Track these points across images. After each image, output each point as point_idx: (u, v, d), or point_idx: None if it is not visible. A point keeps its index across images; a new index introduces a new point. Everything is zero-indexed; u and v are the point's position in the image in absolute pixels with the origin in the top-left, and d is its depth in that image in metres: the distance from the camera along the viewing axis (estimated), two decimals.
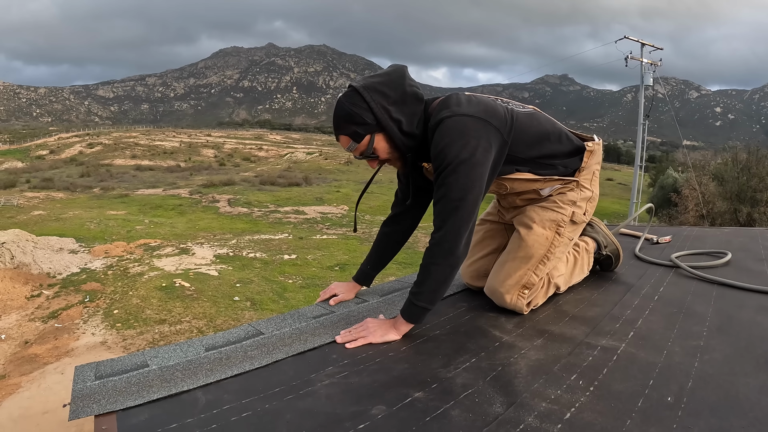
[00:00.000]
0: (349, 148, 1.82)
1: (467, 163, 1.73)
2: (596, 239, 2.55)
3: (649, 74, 26.81)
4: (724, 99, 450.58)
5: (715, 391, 1.36)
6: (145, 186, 45.42)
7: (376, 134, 1.79)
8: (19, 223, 25.88)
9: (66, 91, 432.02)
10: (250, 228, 27.86)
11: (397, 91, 1.79)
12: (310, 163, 63.63)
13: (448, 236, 1.75)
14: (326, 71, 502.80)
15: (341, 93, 1.81)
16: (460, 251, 1.77)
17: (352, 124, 1.76)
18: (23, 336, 13.25)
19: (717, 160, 32.29)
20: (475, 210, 1.78)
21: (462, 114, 1.77)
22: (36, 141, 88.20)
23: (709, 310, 2.05)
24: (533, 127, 1.96)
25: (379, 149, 1.83)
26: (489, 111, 1.82)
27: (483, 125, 1.77)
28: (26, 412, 9.77)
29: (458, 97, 1.85)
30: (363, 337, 1.79)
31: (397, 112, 1.78)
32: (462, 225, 1.75)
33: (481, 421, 1.24)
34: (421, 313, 1.82)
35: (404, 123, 1.80)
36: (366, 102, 1.74)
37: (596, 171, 2.18)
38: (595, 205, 2.20)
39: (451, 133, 1.74)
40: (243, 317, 14.30)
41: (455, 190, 1.73)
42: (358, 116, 1.75)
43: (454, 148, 1.73)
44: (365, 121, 1.75)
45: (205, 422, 1.26)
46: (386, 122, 1.77)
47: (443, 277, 1.79)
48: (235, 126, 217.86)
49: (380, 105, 1.75)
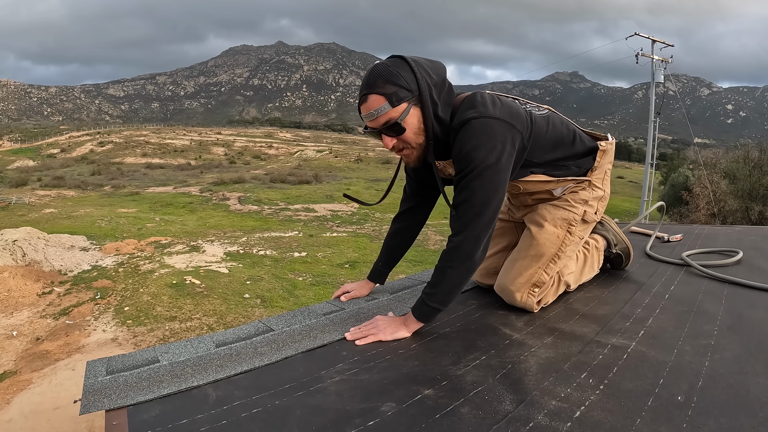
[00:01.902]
0: (379, 110, 1.66)
1: (493, 169, 1.70)
2: (606, 237, 2.54)
3: (660, 71, 26.60)
4: (736, 96, 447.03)
5: (725, 391, 1.36)
6: (155, 184, 45.60)
7: (413, 106, 1.69)
8: (31, 221, 26.06)
9: (77, 90, 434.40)
10: (261, 225, 27.91)
11: (440, 76, 1.74)
12: (321, 160, 63.65)
13: (468, 241, 1.73)
14: (336, 69, 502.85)
15: (386, 57, 1.73)
16: (477, 256, 1.75)
17: (393, 84, 1.64)
18: (34, 332, 13.35)
19: (728, 158, 32.05)
20: (496, 216, 1.76)
21: (489, 116, 1.72)
22: (47, 140, 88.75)
23: (720, 309, 2.04)
24: (549, 131, 1.95)
25: (409, 124, 1.71)
26: (514, 114, 1.79)
27: (509, 129, 1.74)
28: (37, 408, 9.84)
29: (483, 97, 1.80)
30: (373, 334, 1.79)
31: (437, 94, 1.73)
32: (483, 230, 1.73)
33: (491, 419, 1.24)
34: (433, 313, 1.82)
35: (440, 108, 1.74)
36: (413, 70, 1.66)
37: (608, 170, 2.17)
38: (606, 204, 2.20)
39: (479, 136, 1.70)
40: (253, 314, 14.33)
41: (479, 194, 1.71)
42: (402, 79, 1.64)
43: (481, 151, 1.69)
44: (408, 86, 1.65)
45: (215, 418, 1.27)
46: (426, 97, 1.68)
47: (459, 280, 1.78)
48: (245, 124, 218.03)
49: (425, 78, 1.68)
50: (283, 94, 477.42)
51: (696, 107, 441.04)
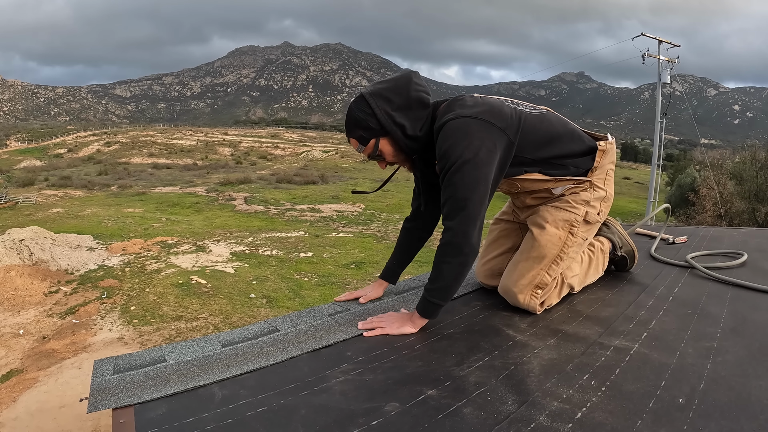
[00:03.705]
0: (358, 149, 1.94)
1: (471, 163, 1.77)
2: (612, 240, 2.54)
3: (667, 72, 26.46)
4: (743, 97, 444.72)
5: (726, 393, 1.36)
6: (162, 184, 45.76)
7: (381, 138, 1.89)
8: (38, 221, 26.20)
9: (83, 91, 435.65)
10: (267, 226, 27.99)
11: (401, 96, 1.86)
12: (327, 161, 63.74)
13: (457, 235, 1.79)
14: (342, 70, 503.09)
15: (352, 99, 1.92)
16: (469, 249, 1.80)
17: (359, 128, 1.87)
18: (41, 331, 13.43)
19: (735, 159, 31.90)
20: (481, 208, 1.81)
21: (465, 116, 1.82)
22: (54, 140, 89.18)
23: (723, 312, 2.04)
24: (543, 128, 1.98)
25: (385, 152, 1.93)
26: (494, 112, 1.86)
27: (486, 126, 1.82)
28: (43, 406, 9.90)
29: (464, 99, 1.92)
30: (381, 327, 1.87)
31: (401, 117, 1.86)
32: (470, 223, 1.79)
33: (493, 419, 1.25)
34: (435, 308, 1.88)
35: (408, 127, 1.87)
36: (371, 108, 1.83)
37: (610, 170, 2.17)
38: (610, 205, 2.19)
39: (455, 135, 1.80)
40: (259, 314, 14.37)
41: (461, 189, 1.78)
42: (363, 121, 1.85)
43: (457, 148, 1.78)
44: (370, 126, 1.85)
45: (221, 417, 1.29)
46: (390, 127, 1.85)
47: (454, 274, 1.83)
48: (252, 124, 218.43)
49: (384, 111, 1.84)
50: (290, 94, 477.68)
51: (703, 108, 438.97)
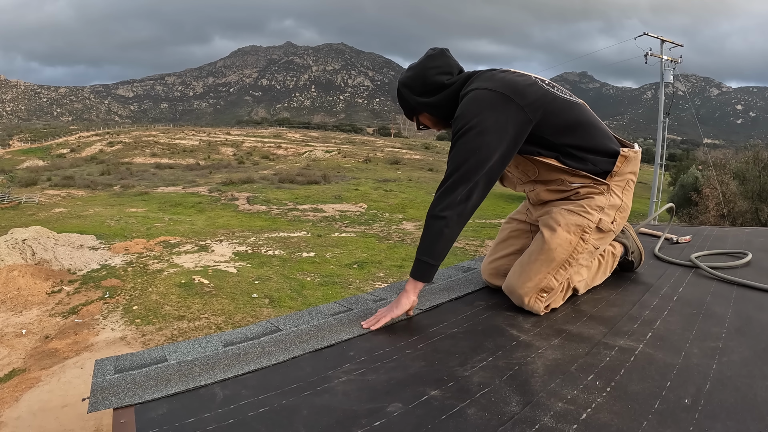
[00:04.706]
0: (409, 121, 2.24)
1: (475, 130, 1.86)
2: (625, 244, 2.51)
3: (670, 71, 26.42)
4: (746, 96, 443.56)
5: (732, 394, 1.35)
6: (164, 184, 45.83)
7: (419, 114, 2.17)
8: (41, 221, 26.25)
9: (86, 91, 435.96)
10: (269, 225, 28.02)
11: (418, 82, 2.08)
12: (329, 161, 63.76)
13: (445, 192, 1.88)
14: (344, 69, 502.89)
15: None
16: (453, 204, 1.87)
17: (403, 108, 2.21)
18: (44, 331, 13.45)
19: (738, 159, 31.85)
20: (477, 173, 1.86)
21: (483, 88, 1.92)
22: (57, 140, 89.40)
23: (728, 312, 2.03)
24: (570, 114, 2.00)
25: (427, 123, 2.20)
26: (517, 88, 1.92)
27: (503, 100, 1.89)
28: (46, 405, 9.92)
29: (491, 72, 2.03)
30: (384, 315, 1.91)
31: (424, 98, 2.09)
32: (460, 184, 1.86)
33: (497, 420, 1.24)
34: (426, 268, 1.92)
35: (432, 105, 2.09)
36: (402, 95, 2.16)
37: (631, 181, 2.13)
38: (625, 217, 2.15)
39: (469, 104, 1.92)
40: (261, 314, 14.38)
41: (461, 152, 1.88)
42: (403, 103, 2.18)
43: (467, 116, 1.89)
44: (408, 107, 2.17)
45: (222, 417, 1.28)
46: (419, 107, 2.13)
47: (439, 230, 1.89)
48: (254, 124, 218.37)
49: (411, 97, 2.12)
50: (292, 94, 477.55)
51: (705, 107, 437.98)
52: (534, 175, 2.09)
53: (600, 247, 2.14)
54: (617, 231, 2.16)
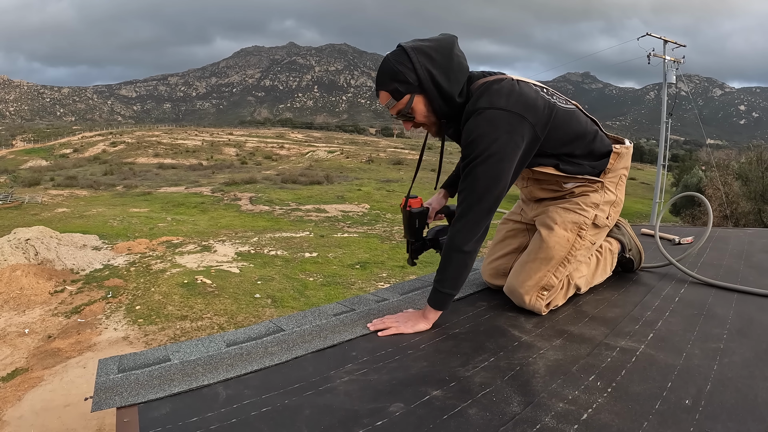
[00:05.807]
0: (387, 104, 1.85)
1: (496, 157, 1.77)
2: (621, 241, 2.52)
3: (672, 72, 26.34)
4: (749, 97, 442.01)
5: (733, 395, 1.35)
6: (167, 184, 45.83)
7: (416, 95, 1.82)
8: (44, 220, 26.27)
9: (89, 91, 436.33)
10: (272, 226, 27.99)
11: (444, 56, 1.81)
12: (332, 161, 63.69)
13: (468, 225, 1.81)
14: (347, 70, 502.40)
15: (389, 52, 1.86)
16: (477, 238, 1.82)
17: (394, 81, 1.80)
18: (46, 330, 13.46)
19: (741, 160, 31.78)
20: (497, 203, 1.83)
21: (500, 108, 1.78)
22: (60, 140, 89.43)
23: (729, 313, 2.03)
24: (570, 126, 1.98)
25: (417, 111, 1.86)
26: (528, 105, 1.83)
27: (518, 120, 1.80)
28: (48, 405, 9.92)
29: (501, 86, 1.85)
30: (394, 327, 1.87)
31: (441, 76, 1.80)
32: (483, 216, 1.81)
33: (498, 420, 1.25)
34: (446, 299, 1.89)
35: (445, 89, 1.82)
36: (411, 62, 1.77)
37: (623, 176, 2.16)
38: (619, 210, 2.19)
39: (486, 126, 1.77)
40: (264, 314, 14.37)
41: (482, 180, 1.78)
42: (401, 74, 1.78)
43: (486, 140, 1.76)
44: (407, 80, 1.78)
45: (225, 416, 1.29)
46: (428, 84, 1.79)
47: (464, 263, 1.85)
48: (257, 125, 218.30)
49: (425, 67, 1.78)
50: (295, 94, 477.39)
51: (708, 108, 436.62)
52: (529, 176, 2.11)
53: (596, 242, 2.16)
54: (612, 225, 2.19)
